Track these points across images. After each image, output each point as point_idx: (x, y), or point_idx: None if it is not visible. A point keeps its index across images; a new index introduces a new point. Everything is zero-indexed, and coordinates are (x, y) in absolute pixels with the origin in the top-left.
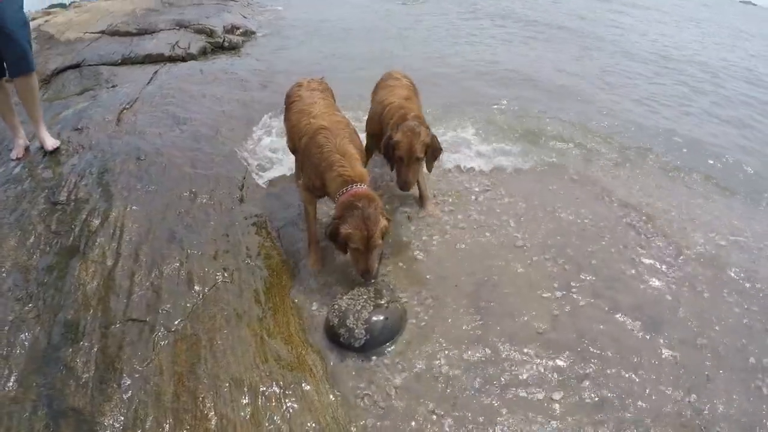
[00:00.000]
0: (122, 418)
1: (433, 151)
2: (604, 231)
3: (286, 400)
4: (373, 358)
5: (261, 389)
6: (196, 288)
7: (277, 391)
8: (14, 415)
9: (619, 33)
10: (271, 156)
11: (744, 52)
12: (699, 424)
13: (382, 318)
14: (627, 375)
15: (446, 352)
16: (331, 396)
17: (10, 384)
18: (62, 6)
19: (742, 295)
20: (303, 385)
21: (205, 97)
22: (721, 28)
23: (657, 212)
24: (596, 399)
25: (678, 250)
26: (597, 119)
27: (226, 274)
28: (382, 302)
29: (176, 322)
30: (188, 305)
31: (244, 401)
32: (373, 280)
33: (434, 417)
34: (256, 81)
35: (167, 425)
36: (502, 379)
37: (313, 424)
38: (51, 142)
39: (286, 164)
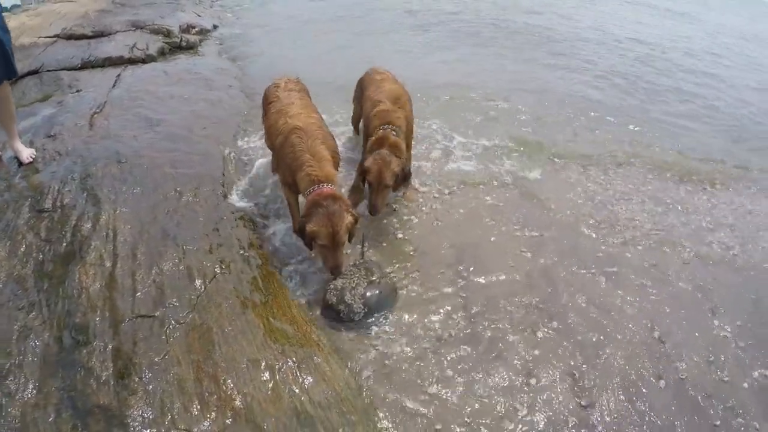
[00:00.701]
0: (150, 409)
1: (403, 177)
2: (565, 205)
3: (302, 374)
4: (373, 328)
5: (277, 366)
6: (197, 281)
7: (292, 366)
8: (39, 421)
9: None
10: (248, 153)
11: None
12: (664, 351)
13: (377, 292)
14: (596, 317)
15: (436, 315)
16: (341, 365)
17: (29, 391)
18: (5, 9)
19: (686, 250)
20: (314, 358)
21: (173, 98)
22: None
23: (610, 188)
24: (572, 339)
25: (630, 217)
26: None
27: (223, 266)
28: (374, 278)
29: (184, 314)
30: (193, 297)
31: (264, 378)
32: (363, 260)
33: (436, 372)
34: (221, 80)
35: (195, 409)
36: (488, 331)
37: (329, 392)
38: (27, 154)
39: (263, 160)
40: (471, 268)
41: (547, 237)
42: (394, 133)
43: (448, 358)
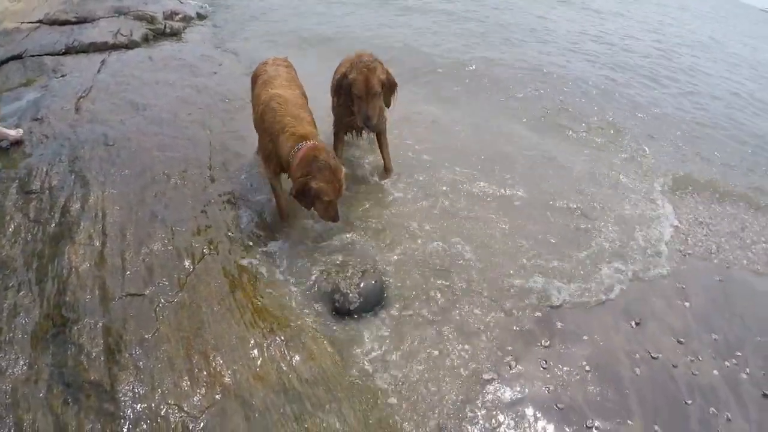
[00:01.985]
0: (140, 385)
1: (389, 86)
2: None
3: (290, 352)
4: (365, 315)
5: (265, 344)
6: (186, 261)
7: (280, 344)
8: (30, 396)
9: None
10: (232, 138)
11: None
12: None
13: (372, 282)
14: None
15: (422, 302)
16: (328, 345)
17: (19, 367)
18: None
19: None
20: (301, 337)
21: (158, 83)
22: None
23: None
24: (553, 331)
25: None
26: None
27: (211, 247)
28: (368, 267)
29: (174, 293)
30: (182, 277)
31: (252, 355)
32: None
33: (423, 357)
34: (205, 67)
35: (185, 385)
36: (475, 321)
37: (316, 369)
38: (14, 133)
39: (249, 146)
40: (454, 258)
41: (538, 228)
42: None
43: (436, 346)
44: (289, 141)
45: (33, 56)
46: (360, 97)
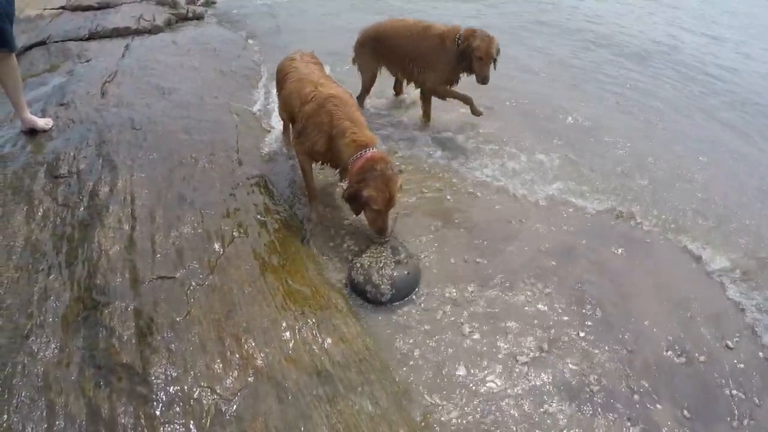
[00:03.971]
0: (172, 367)
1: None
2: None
3: (321, 334)
4: (397, 307)
5: (297, 327)
6: (216, 244)
7: (312, 327)
8: (61, 380)
9: None
10: (258, 121)
11: None
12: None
13: (405, 273)
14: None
15: (456, 291)
16: (359, 329)
17: (51, 351)
18: None
19: None
20: (332, 320)
21: (183, 67)
22: None
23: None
24: (592, 315)
25: None
26: None
27: (241, 230)
28: (401, 257)
29: (204, 276)
30: (212, 260)
31: (284, 338)
32: (386, 238)
33: (452, 349)
34: (229, 50)
35: (217, 368)
36: (508, 308)
37: (348, 352)
38: (43, 122)
39: (274, 130)
40: (484, 242)
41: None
42: None
43: (469, 336)
44: (350, 147)
45: (57, 42)
46: (481, 59)
